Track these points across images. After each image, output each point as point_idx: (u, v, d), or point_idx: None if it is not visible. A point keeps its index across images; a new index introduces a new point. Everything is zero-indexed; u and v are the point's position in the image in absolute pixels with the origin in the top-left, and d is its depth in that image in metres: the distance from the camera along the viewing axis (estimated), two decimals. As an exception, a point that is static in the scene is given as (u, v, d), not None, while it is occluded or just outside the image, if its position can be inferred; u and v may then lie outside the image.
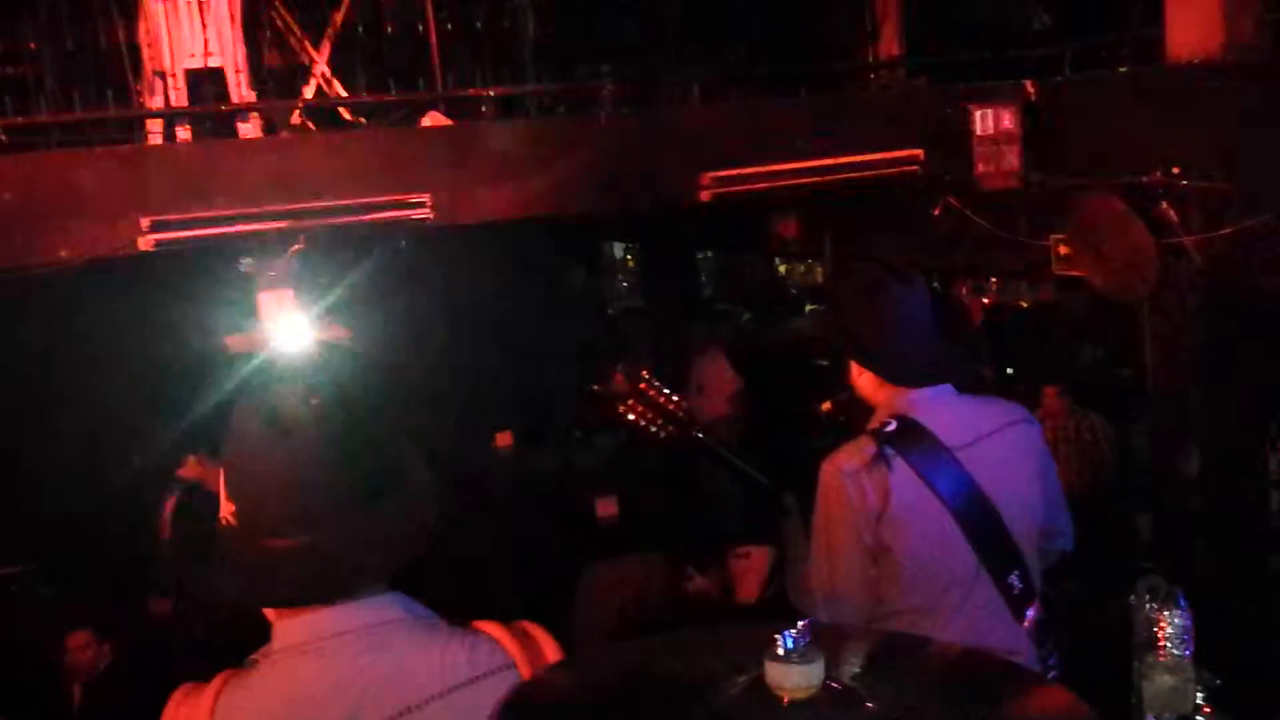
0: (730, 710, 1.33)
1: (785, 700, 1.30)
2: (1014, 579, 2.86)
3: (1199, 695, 1.58)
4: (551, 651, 1.79)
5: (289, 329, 5.71)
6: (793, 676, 1.30)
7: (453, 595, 2.24)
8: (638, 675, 1.49)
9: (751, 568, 5.29)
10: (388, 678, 1.71)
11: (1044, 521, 3.01)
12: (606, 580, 6.01)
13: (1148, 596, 1.58)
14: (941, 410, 2.94)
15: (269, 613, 1.79)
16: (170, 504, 7.14)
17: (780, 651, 1.31)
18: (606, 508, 7.47)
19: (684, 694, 1.40)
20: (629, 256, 11.19)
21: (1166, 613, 1.56)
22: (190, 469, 8.11)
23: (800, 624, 1.31)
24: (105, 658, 5.98)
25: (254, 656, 1.77)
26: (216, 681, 1.73)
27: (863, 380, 3.08)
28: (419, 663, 1.73)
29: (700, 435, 3.20)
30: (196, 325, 7.17)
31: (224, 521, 1.77)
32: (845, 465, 2.89)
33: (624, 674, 1.50)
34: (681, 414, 3.19)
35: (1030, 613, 2.89)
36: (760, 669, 1.33)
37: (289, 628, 1.75)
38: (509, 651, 1.76)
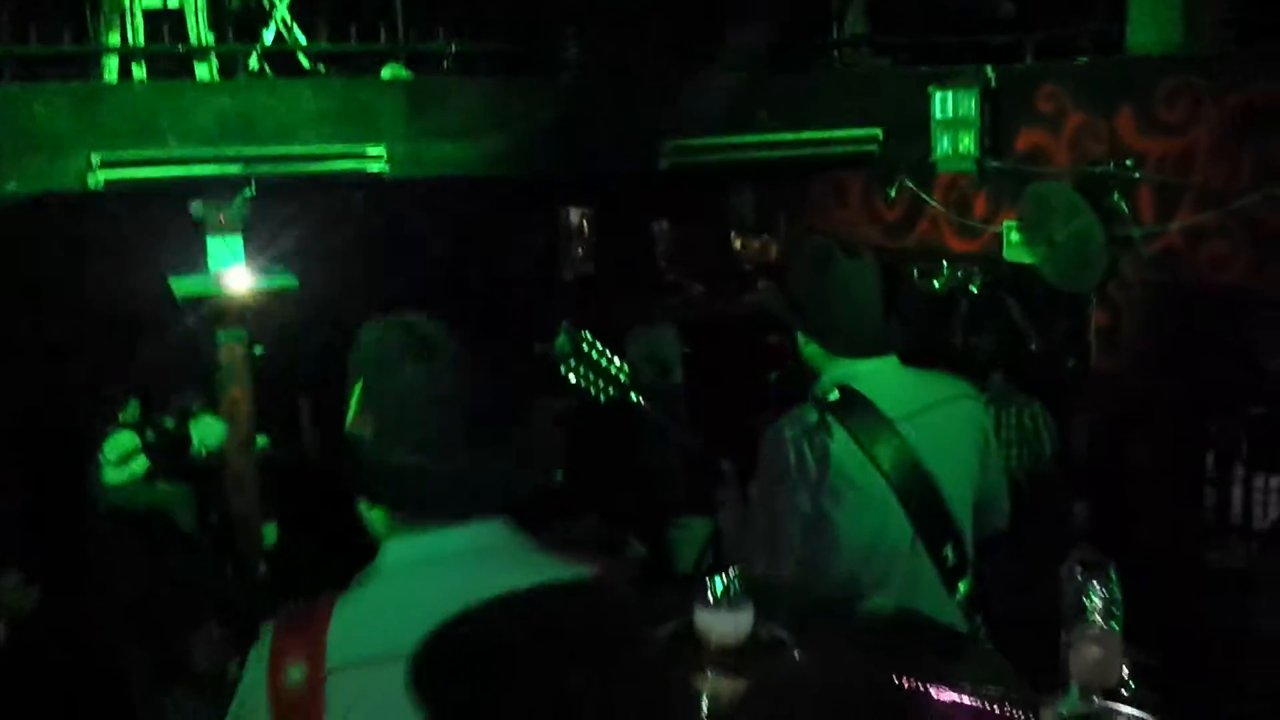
0: (656, 655, 1.33)
1: (712, 647, 1.30)
2: (948, 551, 2.89)
3: (1127, 671, 1.59)
4: None
5: (236, 275, 5.66)
6: (721, 623, 1.30)
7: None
8: (564, 622, 1.49)
9: (690, 538, 5.31)
10: (500, 593, 1.72)
11: (982, 497, 3.03)
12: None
13: (1079, 568, 1.58)
14: (885, 382, 2.96)
15: (380, 531, 1.83)
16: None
17: (710, 598, 1.31)
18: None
19: (610, 639, 1.40)
20: (584, 223, 11.13)
21: (1097, 584, 1.56)
22: (132, 415, 8.04)
23: (732, 570, 1.31)
24: (33, 600, 5.91)
25: (362, 574, 1.81)
26: (327, 597, 1.76)
27: (809, 351, 3.09)
28: (530, 582, 1.75)
29: (642, 402, 3.19)
30: (144, 269, 7.09)
31: (353, 434, 1.82)
32: (787, 432, 2.90)
33: (550, 620, 1.49)
34: (624, 379, 3.18)
35: (962, 586, 2.92)
36: (689, 618, 1.33)
37: (401, 547, 1.80)
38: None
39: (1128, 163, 5.11)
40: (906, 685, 1.28)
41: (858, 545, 2.88)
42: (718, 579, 1.31)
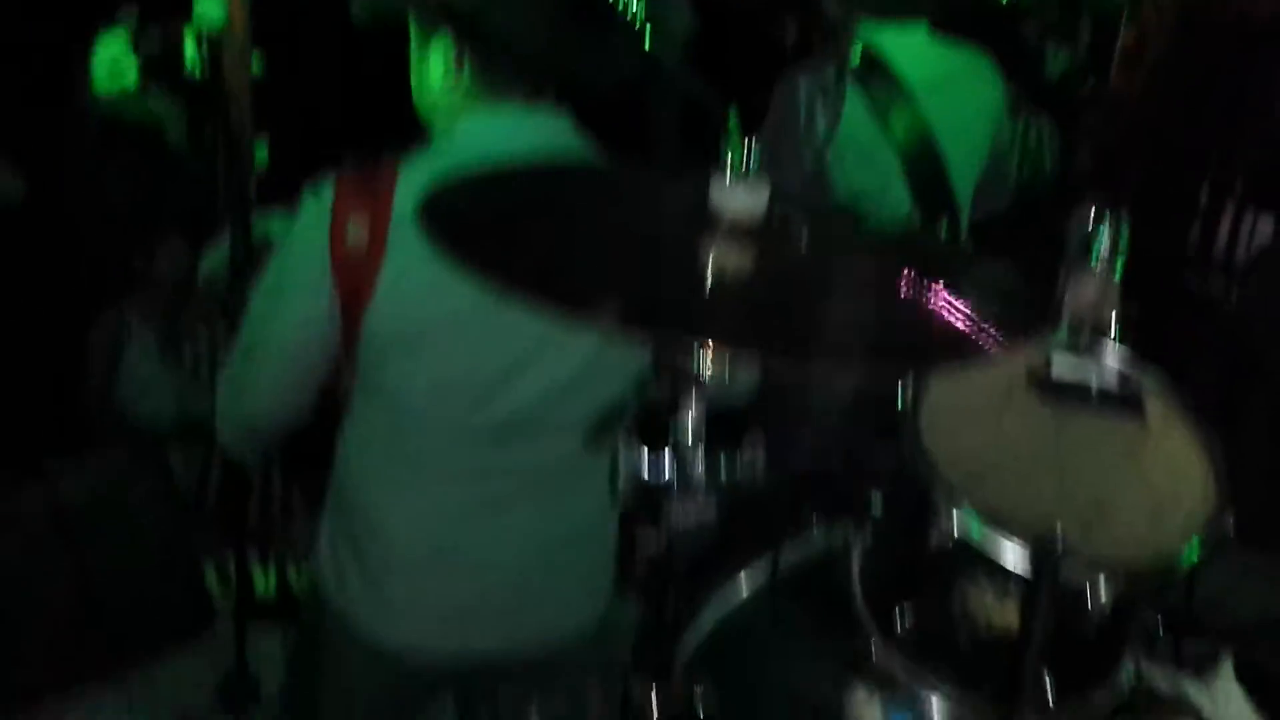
0: (666, 221, 1.33)
1: (725, 223, 1.30)
2: (943, 226, 2.89)
3: (1115, 320, 1.61)
4: None
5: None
6: (736, 198, 1.30)
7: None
8: (579, 187, 1.48)
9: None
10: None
11: (986, 179, 3.01)
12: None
13: (1091, 210, 1.59)
14: (910, 50, 2.88)
15: (450, 115, 1.84)
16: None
17: (728, 172, 1.30)
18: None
19: (623, 208, 1.40)
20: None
21: (1104, 227, 1.57)
22: (128, 26, 7.83)
23: (754, 150, 1.30)
24: (19, 191, 5.88)
25: (423, 143, 1.84)
26: (391, 158, 1.79)
27: (835, 11, 3.00)
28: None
29: (651, 57, 3.12)
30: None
31: None
32: (801, 85, 2.85)
33: (566, 185, 1.48)
34: (635, 23, 3.09)
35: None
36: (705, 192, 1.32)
37: (471, 124, 1.81)
38: None
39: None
40: (909, 282, 1.29)
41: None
42: (737, 155, 1.30)
